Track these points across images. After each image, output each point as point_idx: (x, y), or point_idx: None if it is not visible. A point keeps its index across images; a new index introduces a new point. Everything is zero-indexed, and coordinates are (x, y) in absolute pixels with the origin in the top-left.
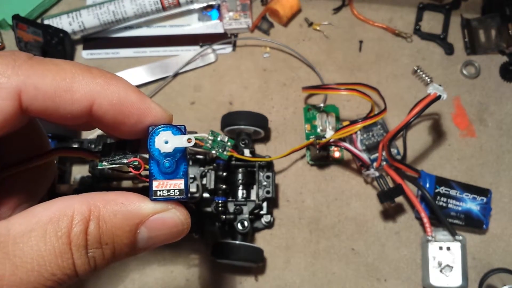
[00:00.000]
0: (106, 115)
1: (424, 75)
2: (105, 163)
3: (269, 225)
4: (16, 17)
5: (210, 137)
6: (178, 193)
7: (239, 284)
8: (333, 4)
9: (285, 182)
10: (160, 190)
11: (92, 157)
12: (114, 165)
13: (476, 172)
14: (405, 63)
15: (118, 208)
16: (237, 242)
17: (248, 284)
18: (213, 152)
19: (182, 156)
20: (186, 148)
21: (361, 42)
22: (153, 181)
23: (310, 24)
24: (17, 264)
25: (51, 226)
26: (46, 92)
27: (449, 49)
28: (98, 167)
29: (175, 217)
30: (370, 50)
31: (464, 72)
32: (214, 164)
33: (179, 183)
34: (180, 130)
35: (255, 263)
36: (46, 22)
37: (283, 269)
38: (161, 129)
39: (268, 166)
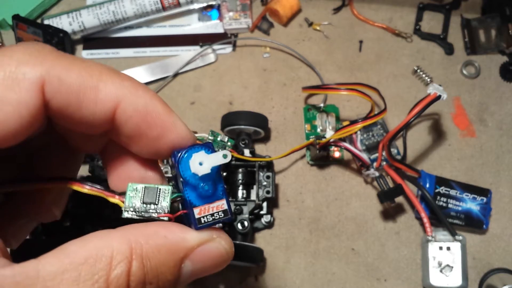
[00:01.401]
0: (128, 122)
1: (424, 75)
2: (132, 214)
3: (269, 225)
4: (16, 17)
5: (210, 137)
6: (222, 215)
7: (239, 284)
8: (333, 4)
9: (285, 182)
10: (203, 217)
11: (115, 201)
12: (140, 218)
13: (476, 172)
14: (405, 63)
15: (161, 242)
16: (237, 242)
17: (248, 284)
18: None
19: (218, 175)
20: (221, 165)
21: (361, 42)
22: (194, 208)
23: (310, 24)
24: None
25: (86, 267)
26: (70, 86)
27: (449, 49)
28: (122, 216)
29: (220, 246)
30: (370, 50)
31: (464, 72)
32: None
33: (222, 204)
34: (209, 147)
35: (255, 263)
36: (46, 22)
37: (283, 269)
38: (191, 150)
39: (268, 166)
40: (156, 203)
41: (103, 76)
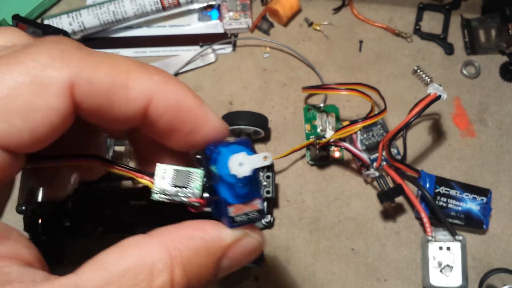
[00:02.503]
0: (160, 119)
1: (424, 75)
2: (162, 196)
3: (269, 225)
4: (16, 17)
5: None
6: (257, 214)
7: (239, 284)
8: (333, 4)
9: (285, 182)
10: (238, 216)
11: (145, 181)
12: (170, 201)
13: (476, 172)
14: (405, 63)
15: (198, 244)
16: None
17: (248, 284)
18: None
19: (256, 178)
20: (259, 168)
21: (361, 42)
22: (228, 207)
23: (310, 24)
24: None
25: (127, 280)
26: (100, 87)
27: (449, 49)
28: (152, 198)
29: (254, 240)
30: (370, 50)
31: (464, 72)
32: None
33: (256, 203)
34: (248, 145)
35: (255, 263)
36: (46, 22)
37: (283, 269)
38: (231, 148)
39: (268, 166)
40: (187, 187)
41: (132, 73)
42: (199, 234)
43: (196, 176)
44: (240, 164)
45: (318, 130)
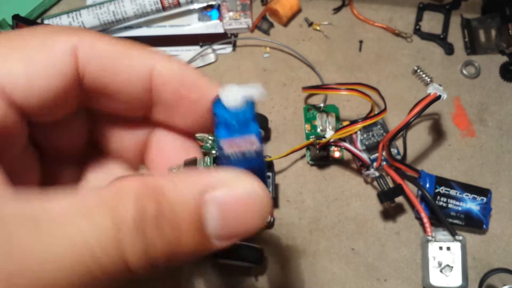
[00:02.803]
0: (166, 87)
1: (424, 75)
2: None
3: (269, 225)
4: (16, 17)
5: (210, 137)
6: (254, 154)
7: (239, 284)
8: (333, 4)
9: (285, 182)
10: (232, 153)
11: None
12: None
13: (476, 172)
14: (405, 63)
15: (179, 179)
16: (237, 242)
17: (248, 284)
18: (213, 152)
19: (251, 113)
20: (254, 104)
21: (361, 42)
22: (221, 143)
23: (310, 24)
24: (51, 250)
25: (98, 206)
26: (103, 52)
27: (449, 49)
28: None
29: (250, 188)
30: (370, 50)
31: (464, 72)
32: (214, 164)
33: (252, 140)
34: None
35: (255, 263)
36: (46, 22)
37: (283, 269)
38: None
39: (268, 166)
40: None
41: (133, 45)
42: (185, 172)
43: (206, 161)
44: (232, 94)
45: (318, 130)
